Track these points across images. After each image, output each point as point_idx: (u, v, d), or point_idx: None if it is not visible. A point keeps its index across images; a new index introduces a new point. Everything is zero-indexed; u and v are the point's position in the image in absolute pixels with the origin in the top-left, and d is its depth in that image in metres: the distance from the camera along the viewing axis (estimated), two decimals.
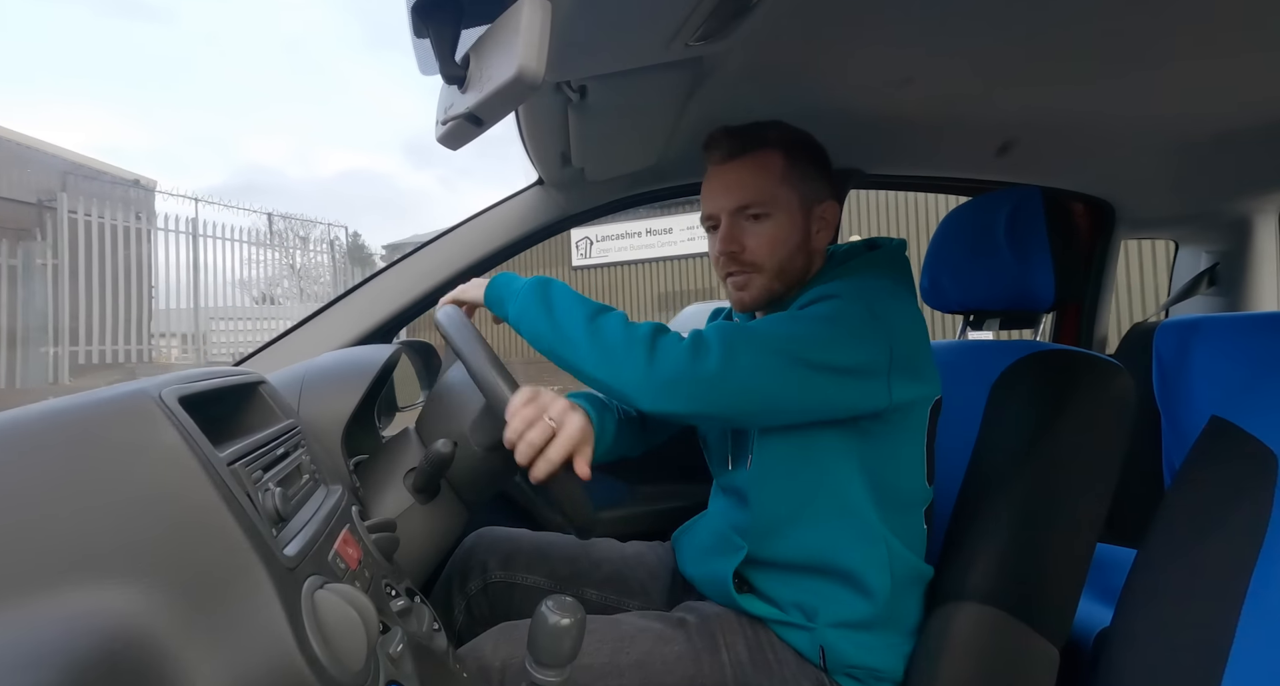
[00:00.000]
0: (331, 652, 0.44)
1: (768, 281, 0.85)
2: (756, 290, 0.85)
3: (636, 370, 0.70)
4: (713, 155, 0.86)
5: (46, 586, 0.38)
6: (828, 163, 0.88)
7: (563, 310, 0.76)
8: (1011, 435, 0.85)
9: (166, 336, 7.92)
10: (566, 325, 0.75)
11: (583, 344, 0.73)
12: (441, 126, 0.59)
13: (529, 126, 0.91)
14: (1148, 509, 0.68)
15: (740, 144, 0.84)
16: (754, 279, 0.85)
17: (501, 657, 0.75)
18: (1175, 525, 0.65)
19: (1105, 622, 0.82)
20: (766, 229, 0.83)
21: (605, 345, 0.72)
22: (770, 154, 0.83)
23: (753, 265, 0.84)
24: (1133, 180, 1.30)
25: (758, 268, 0.84)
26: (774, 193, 0.83)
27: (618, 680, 0.75)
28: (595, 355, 0.72)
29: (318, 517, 0.57)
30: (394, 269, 1.16)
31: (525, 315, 0.78)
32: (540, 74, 0.45)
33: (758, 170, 0.83)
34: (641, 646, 0.77)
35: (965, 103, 0.96)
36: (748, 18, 0.63)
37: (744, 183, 0.84)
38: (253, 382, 0.69)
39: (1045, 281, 0.96)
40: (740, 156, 0.84)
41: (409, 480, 0.89)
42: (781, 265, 0.84)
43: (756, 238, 0.84)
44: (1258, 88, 0.88)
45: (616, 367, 0.71)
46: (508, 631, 0.79)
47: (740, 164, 0.84)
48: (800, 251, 0.85)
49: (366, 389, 0.86)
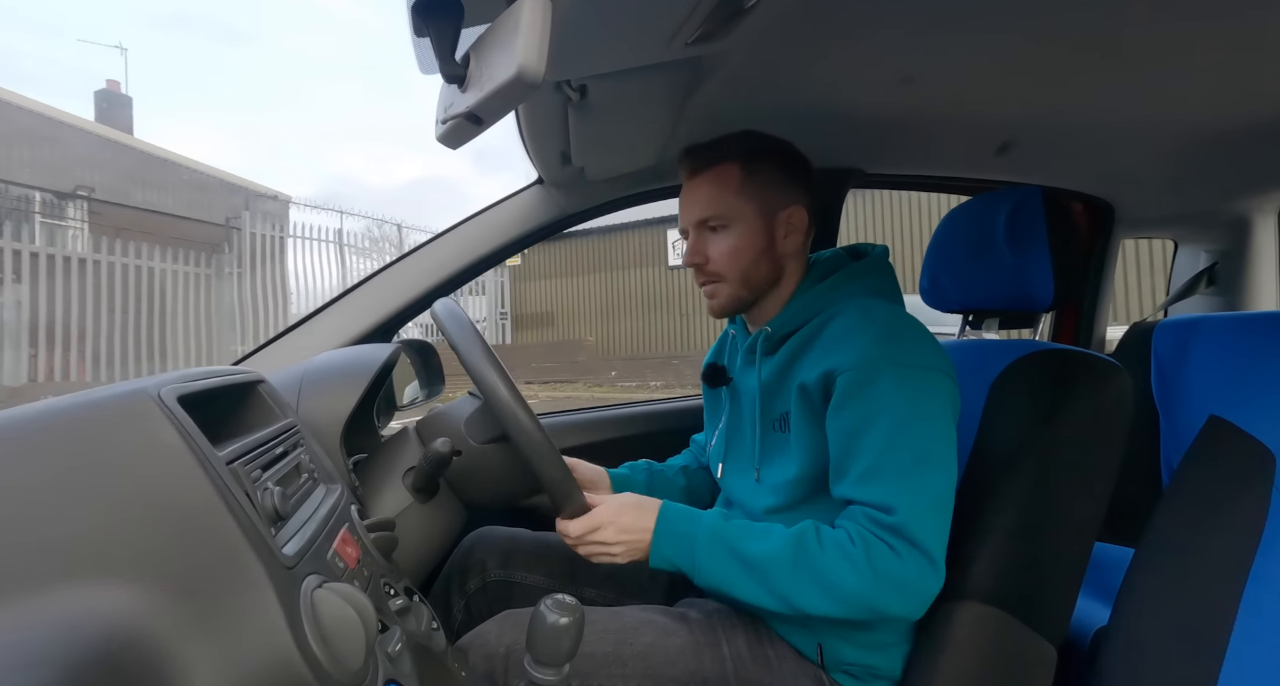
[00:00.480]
0: (330, 651, 0.44)
1: (733, 290, 0.87)
2: (724, 298, 0.87)
3: (888, 610, 0.71)
4: (681, 172, 0.89)
5: (45, 585, 0.38)
6: (800, 168, 0.89)
7: (759, 578, 0.73)
8: (1010, 434, 0.85)
9: None
10: (774, 590, 0.73)
11: (811, 599, 0.72)
12: (441, 125, 0.59)
13: (529, 125, 0.91)
14: (1146, 508, 0.68)
15: (700, 161, 0.87)
16: (720, 288, 0.87)
17: (506, 644, 0.76)
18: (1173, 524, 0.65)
19: (1103, 621, 0.83)
20: (726, 240, 0.85)
21: (834, 602, 0.71)
22: (727, 167, 0.85)
23: (716, 275, 0.86)
24: (1132, 180, 1.30)
25: (721, 277, 0.86)
26: (730, 204, 0.85)
27: (620, 669, 0.75)
28: (830, 609, 0.72)
29: (316, 517, 0.58)
30: (394, 267, 1.16)
31: (721, 587, 0.76)
32: (540, 73, 0.45)
33: (715, 184, 0.85)
34: (645, 638, 0.78)
35: (965, 102, 0.96)
36: (747, 17, 0.63)
37: (703, 197, 0.86)
38: (252, 381, 0.69)
39: (1044, 281, 0.96)
40: (701, 172, 0.87)
41: (408, 479, 0.89)
42: (744, 273, 0.86)
43: (717, 248, 0.86)
44: (1257, 87, 0.88)
45: (865, 613, 0.72)
46: (511, 618, 0.80)
47: (701, 179, 0.87)
48: (764, 258, 0.86)
49: (366, 388, 0.86)
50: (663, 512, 0.78)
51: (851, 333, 0.77)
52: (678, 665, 0.77)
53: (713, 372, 0.96)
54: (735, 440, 0.90)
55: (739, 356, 0.93)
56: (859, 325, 0.77)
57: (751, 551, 0.73)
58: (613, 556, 0.78)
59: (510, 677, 0.74)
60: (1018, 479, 0.81)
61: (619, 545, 0.77)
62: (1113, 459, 0.83)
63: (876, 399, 0.72)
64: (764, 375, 0.85)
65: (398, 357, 1.01)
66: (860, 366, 0.74)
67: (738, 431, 0.90)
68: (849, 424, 0.74)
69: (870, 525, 0.71)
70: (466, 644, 0.78)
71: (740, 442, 0.88)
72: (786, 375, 0.83)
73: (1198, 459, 0.65)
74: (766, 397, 0.85)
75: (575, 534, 0.78)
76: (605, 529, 0.77)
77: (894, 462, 0.71)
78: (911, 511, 0.69)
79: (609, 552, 0.78)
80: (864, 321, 0.77)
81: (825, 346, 0.79)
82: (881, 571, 0.69)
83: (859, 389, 0.73)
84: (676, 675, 0.76)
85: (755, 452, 0.85)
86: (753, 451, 0.85)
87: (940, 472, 0.72)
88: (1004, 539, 0.80)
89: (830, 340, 0.79)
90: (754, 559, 0.73)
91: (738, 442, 0.89)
